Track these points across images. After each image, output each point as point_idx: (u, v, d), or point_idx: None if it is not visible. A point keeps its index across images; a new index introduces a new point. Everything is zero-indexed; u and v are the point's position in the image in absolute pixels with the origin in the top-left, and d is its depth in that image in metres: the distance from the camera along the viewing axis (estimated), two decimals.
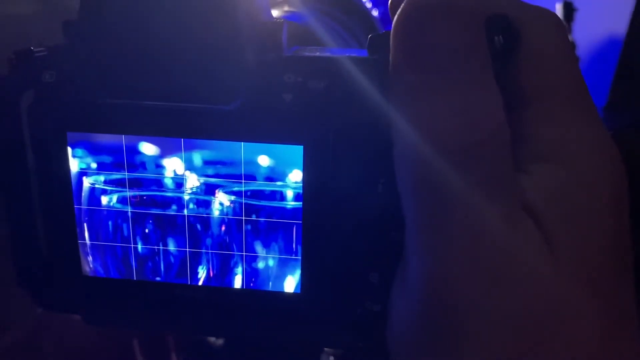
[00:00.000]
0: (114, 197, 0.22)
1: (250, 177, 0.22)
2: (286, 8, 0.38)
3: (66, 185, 0.22)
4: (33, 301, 0.25)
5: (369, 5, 0.63)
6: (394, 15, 0.18)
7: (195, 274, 0.23)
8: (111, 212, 0.23)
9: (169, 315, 0.24)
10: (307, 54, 0.22)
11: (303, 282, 0.23)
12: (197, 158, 0.22)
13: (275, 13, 0.36)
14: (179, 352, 0.41)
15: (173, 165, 0.22)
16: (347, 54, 0.21)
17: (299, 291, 0.23)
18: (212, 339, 0.40)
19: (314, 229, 0.22)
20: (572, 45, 0.47)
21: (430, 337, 0.18)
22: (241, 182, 0.22)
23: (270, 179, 0.21)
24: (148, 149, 0.22)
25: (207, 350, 0.39)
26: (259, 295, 0.23)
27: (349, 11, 0.42)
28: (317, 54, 0.22)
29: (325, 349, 0.37)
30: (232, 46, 0.20)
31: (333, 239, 0.22)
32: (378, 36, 0.21)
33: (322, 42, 0.32)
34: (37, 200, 0.23)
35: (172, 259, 0.23)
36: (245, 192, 0.22)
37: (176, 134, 0.21)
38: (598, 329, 0.17)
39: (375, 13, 0.63)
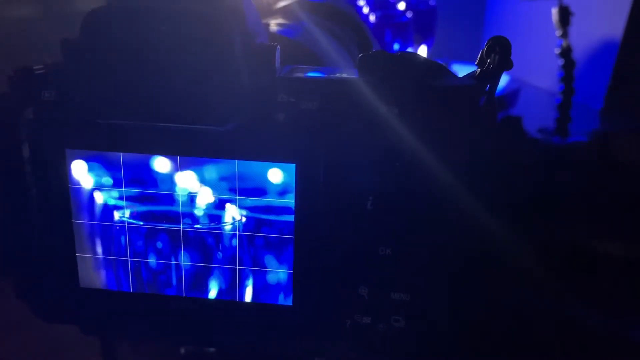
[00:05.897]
0: (127, 212, 0.23)
1: (262, 192, 0.22)
2: (280, 20, 0.38)
3: (64, 200, 0.23)
4: (31, 312, 0.25)
5: (366, 10, 0.63)
6: None
7: (206, 286, 0.23)
8: (123, 227, 0.23)
9: (164, 325, 0.25)
10: (299, 74, 0.22)
11: (295, 294, 0.23)
12: (211, 173, 0.22)
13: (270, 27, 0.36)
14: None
15: (186, 180, 0.22)
16: (338, 74, 0.22)
17: (290, 303, 0.23)
18: (206, 349, 0.40)
19: (305, 244, 0.22)
20: (569, 49, 0.47)
21: None
22: (253, 197, 0.22)
23: (281, 193, 0.22)
24: (162, 164, 0.22)
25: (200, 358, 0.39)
26: (252, 307, 0.24)
27: (343, 23, 0.42)
28: (309, 74, 0.22)
29: (316, 358, 0.38)
30: (227, 69, 0.20)
31: (324, 253, 0.22)
32: (368, 56, 0.21)
33: (314, 56, 0.32)
34: (36, 214, 0.23)
35: (183, 272, 0.23)
36: (256, 206, 0.22)
37: (173, 152, 0.22)
38: None
39: (372, 18, 0.64)
